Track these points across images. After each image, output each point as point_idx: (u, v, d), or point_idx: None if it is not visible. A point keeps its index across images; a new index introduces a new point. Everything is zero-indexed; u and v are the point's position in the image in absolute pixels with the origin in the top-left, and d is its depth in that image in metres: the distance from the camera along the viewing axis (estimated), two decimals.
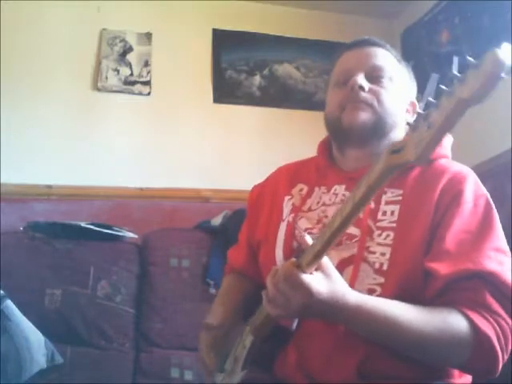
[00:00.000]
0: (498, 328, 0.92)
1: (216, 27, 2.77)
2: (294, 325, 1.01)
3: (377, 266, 0.99)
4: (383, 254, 1.00)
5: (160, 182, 2.49)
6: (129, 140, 2.53)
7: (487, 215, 1.01)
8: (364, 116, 1.09)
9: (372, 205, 1.03)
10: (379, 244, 1.01)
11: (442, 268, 0.95)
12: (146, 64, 2.63)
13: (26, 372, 1.59)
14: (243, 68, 2.73)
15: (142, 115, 2.57)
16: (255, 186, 1.34)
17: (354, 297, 0.90)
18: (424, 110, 0.70)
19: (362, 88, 1.10)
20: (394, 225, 1.02)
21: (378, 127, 1.10)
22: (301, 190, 1.19)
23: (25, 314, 1.69)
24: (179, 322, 1.97)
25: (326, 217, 1.09)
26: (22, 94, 2.43)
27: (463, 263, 0.95)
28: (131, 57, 2.62)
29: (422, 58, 2.70)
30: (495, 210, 1.03)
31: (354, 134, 1.10)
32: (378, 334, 0.93)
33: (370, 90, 1.11)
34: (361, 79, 1.11)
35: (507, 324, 0.93)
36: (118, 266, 2.01)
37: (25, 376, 1.58)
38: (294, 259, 0.87)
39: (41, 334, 1.70)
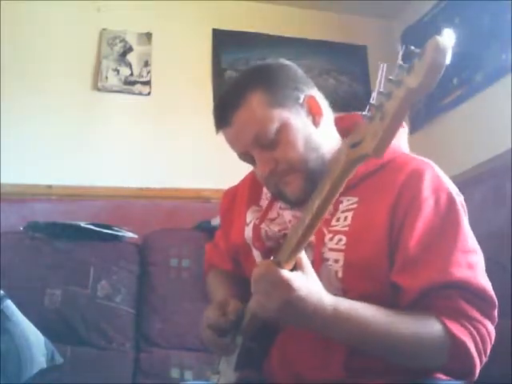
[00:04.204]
0: (475, 333, 0.89)
1: (216, 27, 2.77)
2: None
3: (333, 273, 0.96)
4: (337, 261, 0.96)
5: (160, 181, 2.49)
6: (129, 140, 2.53)
7: (450, 212, 0.96)
8: (298, 185, 1.02)
9: (328, 215, 0.98)
10: (331, 249, 0.97)
11: (410, 281, 0.93)
12: (146, 64, 2.63)
13: (26, 372, 1.59)
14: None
15: (141, 115, 2.57)
16: (228, 191, 1.30)
17: (330, 298, 0.86)
18: (377, 101, 0.69)
19: (271, 172, 1.02)
20: (347, 228, 0.97)
21: (315, 171, 1.01)
22: (266, 195, 1.16)
23: (25, 314, 1.69)
24: (179, 322, 1.97)
25: (288, 221, 1.06)
26: (22, 94, 2.43)
27: (432, 275, 0.91)
28: (131, 57, 2.62)
29: None
30: (460, 205, 0.98)
31: (302, 200, 1.01)
32: (354, 338, 0.89)
33: (278, 162, 1.01)
34: (263, 167, 1.02)
35: (484, 327, 0.91)
36: (117, 266, 2.01)
37: (25, 376, 1.58)
38: (272, 258, 0.86)
39: (41, 334, 1.69)
